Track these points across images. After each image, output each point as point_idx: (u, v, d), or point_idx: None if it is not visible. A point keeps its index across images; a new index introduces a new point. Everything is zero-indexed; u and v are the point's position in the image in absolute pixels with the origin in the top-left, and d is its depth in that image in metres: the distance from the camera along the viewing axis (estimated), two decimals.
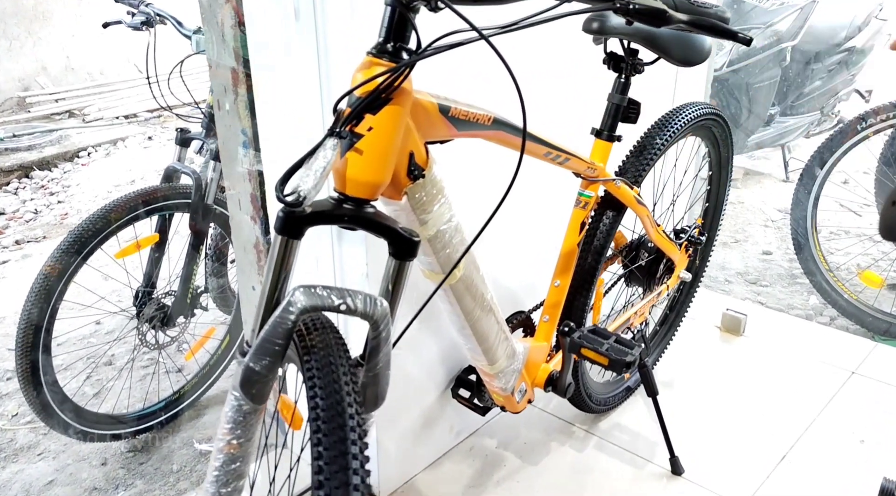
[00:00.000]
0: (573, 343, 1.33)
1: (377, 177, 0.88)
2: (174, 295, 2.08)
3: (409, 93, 0.87)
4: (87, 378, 2.38)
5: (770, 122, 3.67)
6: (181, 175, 2.04)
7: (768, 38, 3.25)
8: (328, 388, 0.81)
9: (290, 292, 0.85)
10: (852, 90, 4.02)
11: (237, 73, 1.49)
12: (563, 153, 1.24)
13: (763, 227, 3.34)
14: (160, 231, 2.04)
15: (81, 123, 5.26)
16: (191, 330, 2.18)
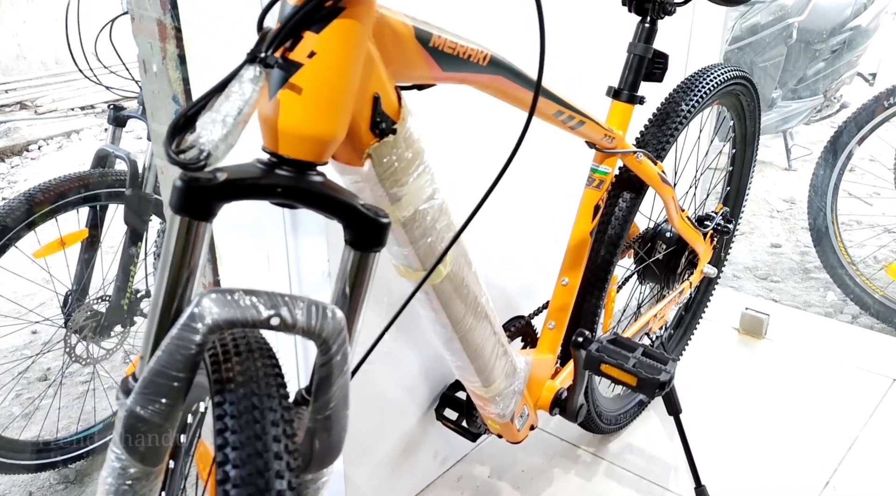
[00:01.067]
0: (590, 357, 1.05)
1: (325, 128, 0.59)
2: (109, 300, 1.78)
3: (370, 4, 0.59)
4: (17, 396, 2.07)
5: (772, 107, 3.43)
6: (114, 159, 1.75)
7: (774, 13, 3.00)
8: (247, 445, 0.53)
9: (196, 299, 0.56)
10: (855, 73, 3.79)
11: (164, 25, 1.20)
12: (577, 114, 0.96)
13: (769, 219, 3.10)
14: (91, 226, 1.74)
15: (33, 115, 4.90)
16: (131, 340, 1.88)
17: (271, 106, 0.58)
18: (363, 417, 1.27)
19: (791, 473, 1.46)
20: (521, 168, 1.26)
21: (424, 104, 0.80)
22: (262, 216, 1.12)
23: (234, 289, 0.57)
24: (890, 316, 2.21)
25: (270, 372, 0.59)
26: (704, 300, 1.77)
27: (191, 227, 0.58)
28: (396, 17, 0.65)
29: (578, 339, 1.10)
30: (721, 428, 1.60)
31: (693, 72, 1.33)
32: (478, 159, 1.24)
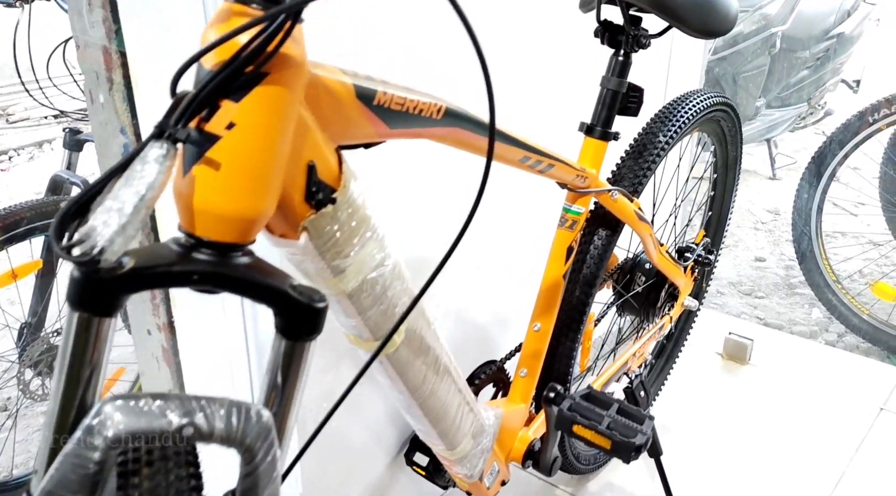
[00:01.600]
0: (562, 417, 0.99)
1: (248, 206, 0.52)
2: (59, 334, 1.69)
3: (298, 63, 0.52)
4: None
5: (756, 115, 3.39)
6: (70, 185, 1.66)
7: (757, 22, 2.95)
8: None
9: (96, 408, 0.49)
10: (839, 80, 3.76)
11: (110, 53, 1.12)
12: (545, 158, 0.89)
13: (754, 231, 3.05)
14: (46, 256, 1.66)
15: (4, 124, 4.78)
16: None
17: (186, 183, 0.51)
18: (329, 467, 1.20)
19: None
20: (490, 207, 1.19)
21: (379, 154, 0.73)
22: None
23: (141, 395, 0.50)
24: (876, 335, 2.17)
25: (185, 487, 0.52)
26: (686, 328, 1.72)
27: (91, 324, 0.50)
28: (333, 77, 0.57)
29: (550, 395, 1.03)
30: (703, 462, 1.54)
31: (671, 100, 1.27)
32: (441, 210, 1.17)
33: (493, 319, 1.43)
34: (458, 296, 1.35)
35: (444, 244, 0.65)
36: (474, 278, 1.36)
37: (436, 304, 1.29)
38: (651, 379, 1.67)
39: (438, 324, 1.34)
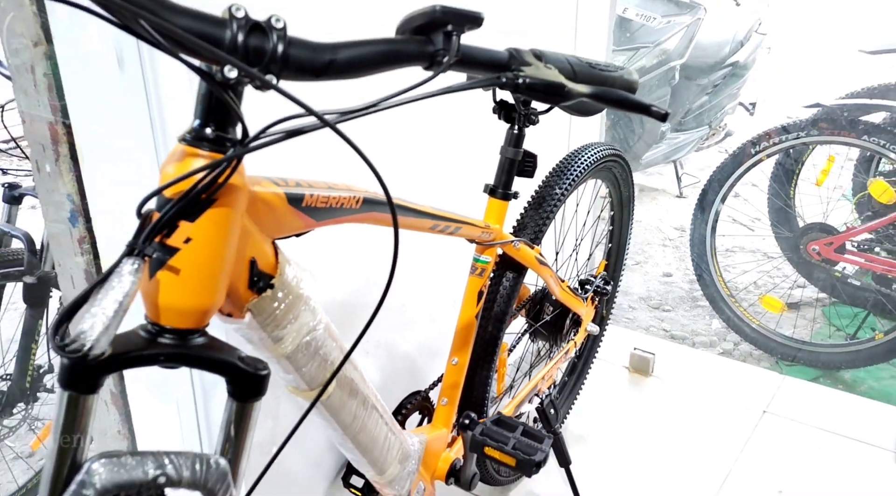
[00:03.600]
0: (474, 441, 1.15)
1: (202, 301, 0.66)
2: (9, 378, 1.76)
3: (240, 188, 0.66)
4: None
5: (662, 139, 3.66)
6: (10, 238, 1.73)
7: (658, 56, 3.22)
8: None
9: (85, 466, 0.62)
10: (737, 104, 4.09)
11: (56, 128, 1.22)
12: (452, 222, 1.05)
13: (662, 247, 3.31)
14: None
15: None
16: (36, 412, 1.86)
17: (151, 285, 0.65)
18: (277, 490, 1.33)
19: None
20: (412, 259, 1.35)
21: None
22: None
23: (122, 452, 0.63)
24: (765, 343, 2.42)
25: None
26: (594, 348, 1.91)
27: (79, 401, 0.63)
28: (267, 190, 0.72)
29: (465, 422, 1.19)
30: (610, 466, 1.73)
31: (566, 155, 1.45)
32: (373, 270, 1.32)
33: (419, 352, 1.58)
34: (389, 334, 1.50)
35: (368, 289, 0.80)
36: (402, 318, 1.51)
37: (367, 339, 1.44)
38: (564, 395, 1.85)
39: (371, 359, 1.49)
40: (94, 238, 1.26)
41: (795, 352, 2.34)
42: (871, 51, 2.50)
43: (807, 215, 2.68)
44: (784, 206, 2.68)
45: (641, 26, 3.22)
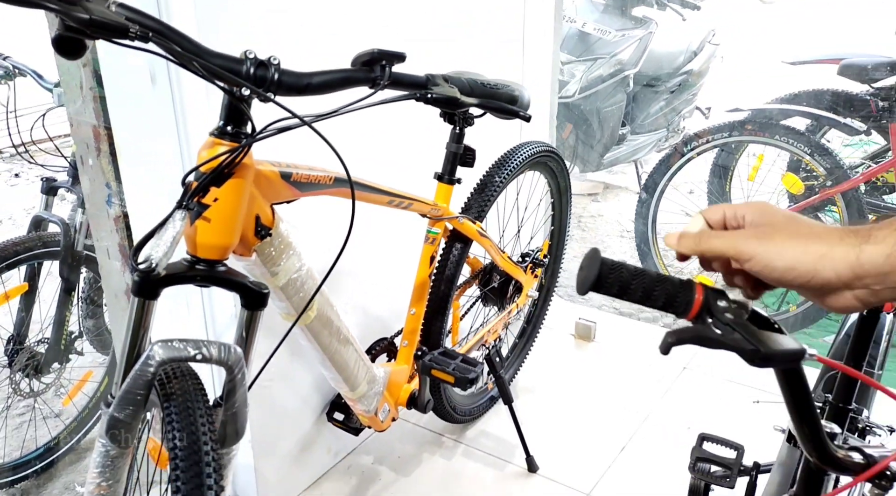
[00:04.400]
0: (424, 365, 1.49)
1: (225, 240, 1.00)
2: (47, 342, 2.09)
3: (249, 166, 1.00)
4: None
5: (622, 141, 4.02)
6: (48, 223, 2.06)
7: (613, 66, 3.57)
8: (185, 430, 0.93)
9: (150, 346, 0.96)
10: (694, 108, 4.45)
11: (98, 130, 1.56)
12: (405, 199, 1.40)
13: (619, 238, 3.66)
14: (29, 280, 2.05)
15: None
16: (67, 375, 2.19)
17: (192, 230, 0.99)
18: (268, 422, 1.66)
19: (599, 443, 1.95)
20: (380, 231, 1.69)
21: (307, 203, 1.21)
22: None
23: (173, 339, 0.97)
24: None
25: (197, 387, 0.99)
26: (541, 315, 2.25)
27: (144, 304, 0.97)
28: (267, 168, 1.06)
29: (418, 353, 1.54)
30: (553, 413, 2.08)
31: (506, 151, 1.80)
32: None
33: (387, 308, 1.91)
34: (362, 297, 1.84)
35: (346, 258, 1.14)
36: (373, 281, 1.85)
37: (346, 301, 1.78)
38: (515, 353, 2.19)
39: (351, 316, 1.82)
40: (128, 218, 1.60)
41: None
42: (792, 62, 2.85)
43: None
44: (719, 198, 3.03)
45: (599, 39, 3.57)
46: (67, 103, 1.59)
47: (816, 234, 0.59)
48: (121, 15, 0.79)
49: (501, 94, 1.09)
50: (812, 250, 0.58)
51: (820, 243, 0.58)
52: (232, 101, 0.94)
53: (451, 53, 1.91)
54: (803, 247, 0.59)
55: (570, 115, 3.69)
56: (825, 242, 0.58)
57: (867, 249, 0.56)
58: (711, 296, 0.65)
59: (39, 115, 1.96)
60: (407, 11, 1.74)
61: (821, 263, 0.58)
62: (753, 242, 0.60)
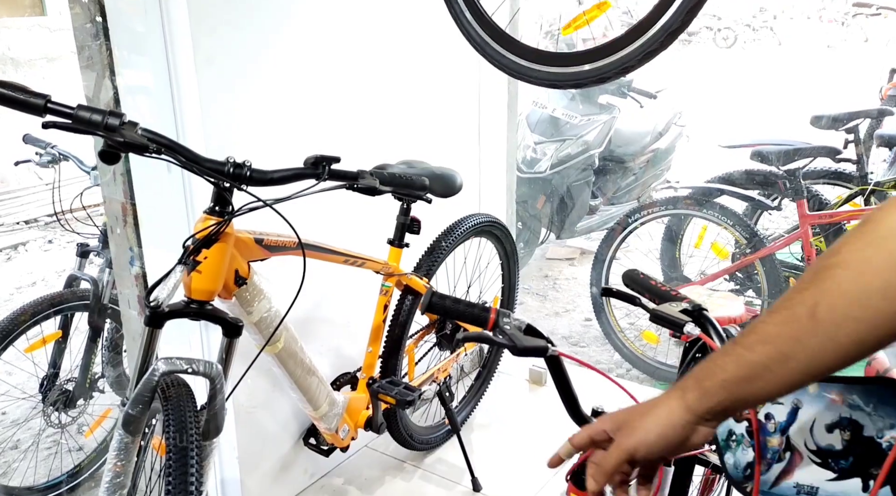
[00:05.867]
0: (373, 391, 1.87)
1: (212, 287, 1.40)
2: (75, 381, 2.48)
3: (230, 234, 1.42)
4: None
5: (595, 211, 4.43)
6: (81, 281, 2.49)
7: (580, 146, 4.02)
8: (177, 426, 1.30)
9: (155, 362, 1.35)
10: (664, 180, 4.87)
11: (126, 205, 2.00)
12: (358, 258, 1.80)
13: (587, 299, 4.02)
14: (63, 328, 2.46)
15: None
16: (90, 411, 2.57)
17: (188, 279, 1.39)
18: (252, 443, 2.03)
19: (536, 467, 2.28)
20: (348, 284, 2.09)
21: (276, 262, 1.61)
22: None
23: (172, 357, 1.37)
24: (647, 368, 3.11)
25: (188, 393, 1.37)
26: (495, 361, 2.62)
27: (152, 332, 1.37)
28: (244, 235, 1.48)
29: (369, 382, 1.91)
30: (502, 445, 2.41)
31: (454, 221, 2.21)
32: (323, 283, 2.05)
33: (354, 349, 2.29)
34: (332, 337, 2.22)
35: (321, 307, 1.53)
36: (342, 326, 2.23)
37: (321, 344, 2.16)
38: (471, 394, 2.55)
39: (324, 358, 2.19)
40: (146, 275, 2.02)
41: (665, 373, 3.03)
42: (726, 145, 3.27)
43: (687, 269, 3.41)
44: (670, 261, 3.41)
45: (567, 123, 4.03)
46: (102, 184, 2.04)
47: (651, 406, 0.76)
48: (144, 137, 1.22)
49: (414, 182, 1.51)
50: (658, 418, 0.75)
51: (658, 411, 0.75)
52: (218, 190, 1.36)
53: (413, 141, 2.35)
54: (654, 419, 0.75)
55: (543, 188, 4.12)
56: (661, 407, 0.75)
57: (687, 396, 0.74)
58: (500, 315, 1.03)
59: (78, 193, 2.41)
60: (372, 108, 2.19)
61: (670, 421, 0.74)
62: (629, 439, 0.77)
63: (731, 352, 0.72)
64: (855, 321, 0.65)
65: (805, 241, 2.78)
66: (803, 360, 0.68)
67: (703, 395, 0.73)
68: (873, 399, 0.80)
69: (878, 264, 0.64)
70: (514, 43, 1.76)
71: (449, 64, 2.45)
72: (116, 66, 1.75)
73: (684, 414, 0.74)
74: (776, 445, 0.87)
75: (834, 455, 0.82)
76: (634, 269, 1.25)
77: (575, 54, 1.66)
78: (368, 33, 2.14)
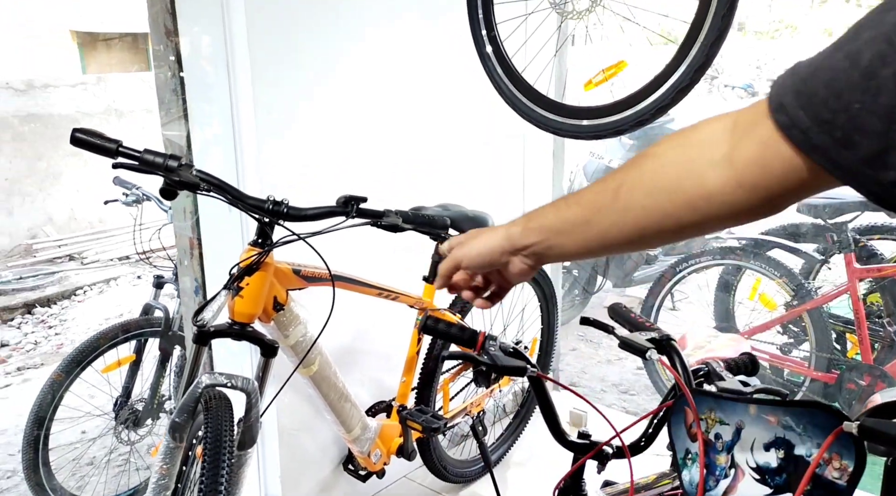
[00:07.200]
0: (402, 417, 1.99)
1: (252, 311, 1.58)
2: (145, 401, 2.71)
3: (270, 264, 1.59)
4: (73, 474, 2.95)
5: (653, 261, 4.45)
6: (155, 309, 2.74)
7: None
8: (215, 434, 1.46)
9: (199, 376, 1.52)
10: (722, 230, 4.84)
11: (193, 241, 2.22)
12: (392, 292, 1.95)
13: None
14: (136, 352, 2.70)
15: (80, 265, 6.01)
16: (156, 431, 2.79)
17: (232, 303, 1.57)
18: (294, 464, 2.17)
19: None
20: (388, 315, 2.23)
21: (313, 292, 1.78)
22: (241, 344, 2.09)
23: (215, 372, 1.54)
24: None
25: (228, 406, 1.53)
26: (534, 401, 2.68)
27: (199, 349, 1.55)
28: (283, 266, 1.65)
29: (401, 411, 2.03)
30: (536, 483, 2.46)
31: None
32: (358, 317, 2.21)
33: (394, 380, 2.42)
34: (376, 372, 2.37)
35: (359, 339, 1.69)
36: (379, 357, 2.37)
37: (363, 375, 2.31)
38: (509, 432, 2.62)
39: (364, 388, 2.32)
40: None
41: None
42: None
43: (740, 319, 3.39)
44: (724, 311, 3.40)
45: None
46: (174, 221, 2.28)
47: (490, 230, 0.89)
48: (197, 177, 1.42)
49: (435, 221, 1.66)
50: (484, 238, 0.88)
51: (489, 234, 0.88)
52: (260, 225, 1.54)
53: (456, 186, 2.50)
54: (481, 240, 0.89)
55: None
56: (492, 232, 0.88)
57: (511, 229, 0.86)
58: (487, 339, 1.15)
59: (156, 229, 2.68)
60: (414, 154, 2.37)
61: (490, 243, 0.87)
62: (459, 251, 0.92)
63: (556, 205, 0.82)
64: (642, 209, 0.72)
65: (853, 294, 2.74)
66: (597, 230, 0.77)
67: (524, 232, 0.84)
68: (804, 420, 0.86)
69: (676, 163, 0.71)
70: (541, 97, 1.91)
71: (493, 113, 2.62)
72: (191, 116, 1.99)
73: (503, 241, 0.86)
74: (723, 463, 0.94)
75: (770, 472, 0.89)
76: (619, 303, 1.34)
77: (595, 108, 1.79)
78: (413, 82, 2.34)
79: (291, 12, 1.98)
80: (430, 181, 2.41)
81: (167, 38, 1.97)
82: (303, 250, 1.59)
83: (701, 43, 1.59)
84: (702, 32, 1.59)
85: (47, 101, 6.62)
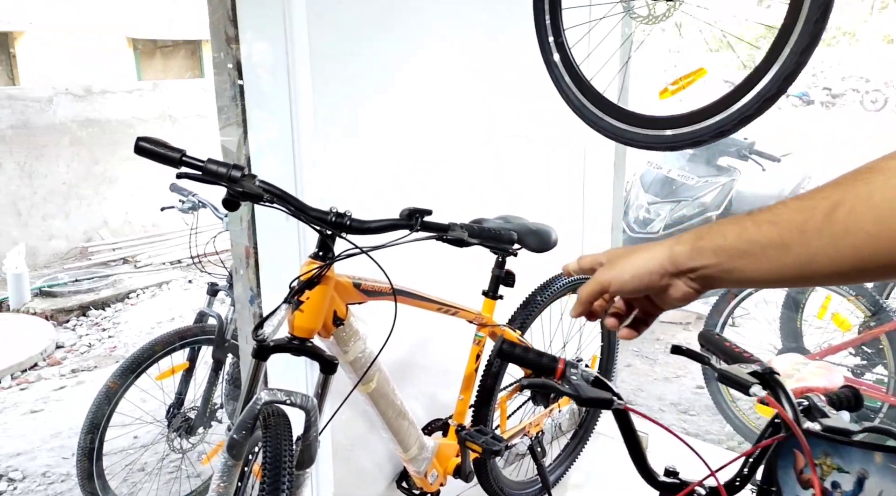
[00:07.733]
0: (461, 437, 1.91)
1: (312, 325, 1.52)
2: (197, 409, 2.70)
3: (331, 278, 1.54)
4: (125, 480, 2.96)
5: None
6: (209, 317, 2.73)
7: (696, 208, 3.94)
8: (274, 453, 1.41)
9: (258, 393, 1.48)
10: None
11: (249, 250, 2.20)
12: (452, 307, 1.88)
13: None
14: (190, 359, 2.69)
15: (133, 269, 6.11)
16: (208, 439, 2.77)
17: (292, 317, 1.52)
18: (349, 480, 2.12)
19: None
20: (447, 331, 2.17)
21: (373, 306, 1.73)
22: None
23: (274, 388, 1.49)
24: None
25: (286, 423, 1.48)
26: (592, 421, 2.58)
27: (258, 364, 1.50)
28: (344, 279, 1.60)
29: (458, 429, 1.96)
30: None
31: (548, 278, 2.25)
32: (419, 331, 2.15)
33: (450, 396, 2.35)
34: (429, 387, 2.30)
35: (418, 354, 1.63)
36: (438, 373, 2.30)
37: (417, 389, 2.24)
38: (567, 452, 2.52)
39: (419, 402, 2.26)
40: (262, 314, 2.19)
41: None
42: None
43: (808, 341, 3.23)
44: (790, 331, 3.25)
45: (682, 184, 3.98)
46: (231, 230, 2.26)
47: (644, 248, 0.77)
48: (260, 188, 1.38)
49: (502, 236, 1.58)
50: (640, 258, 0.76)
51: (644, 253, 0.76)
52: (322, 237, 1.49)
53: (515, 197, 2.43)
54: (635, 259, 0.77)
55: None
56: (648, 251, 0.76)
57: (675, 248, 0.74)
58: (568, 366, 1.07)
59: (211, 238, 2.67)
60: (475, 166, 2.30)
61: (649, 264, 0.75)
62: (607, 272, 0.80)
63: (739, 223, 0.70)
64: (866, 236, 0.60)
65: None
66: (797, 256, 0.65)
67: (693, 252, 0.72)
68: None
69: None
70: (612, 106, 1.82)
71: (554, 123, 2.53)
72: (249, 123, 1.96)
73: (665, 262, 0.74)
74: None
75: None
76: (710, 330, 1.25)
77: (670, 118, 1.70)
78: (472, 93, 2.27)
79: (353, 21, 1.94)
80: (489, 192, 2.34)
81: (227, 46, 1.94)
82: (362, 263, 1.53)
83: (791, 49, 1.49)
84: (791, 38, 1.49)
85: (104, 107, 6.77)
